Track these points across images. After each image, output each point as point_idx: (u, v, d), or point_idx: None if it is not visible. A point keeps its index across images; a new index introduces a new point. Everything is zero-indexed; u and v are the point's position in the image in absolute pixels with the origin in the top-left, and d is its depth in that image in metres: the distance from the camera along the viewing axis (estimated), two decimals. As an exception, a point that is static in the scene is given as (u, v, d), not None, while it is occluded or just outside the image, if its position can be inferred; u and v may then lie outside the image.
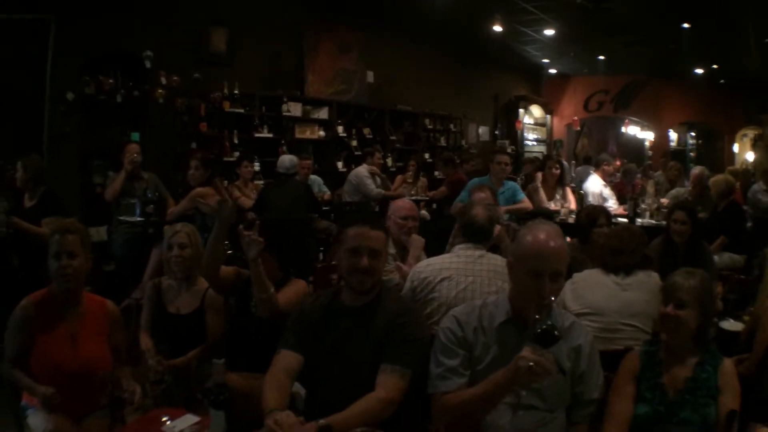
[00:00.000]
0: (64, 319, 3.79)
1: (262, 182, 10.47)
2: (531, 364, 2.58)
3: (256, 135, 11.60)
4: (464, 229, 4.81)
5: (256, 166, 10.64)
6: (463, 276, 4.48)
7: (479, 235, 4.76)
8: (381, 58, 14.55)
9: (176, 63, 10.19)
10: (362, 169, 10.99)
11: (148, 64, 9.78)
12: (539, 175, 9.61)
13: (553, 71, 21.39)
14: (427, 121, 16.19)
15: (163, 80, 9.98)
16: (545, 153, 19.41)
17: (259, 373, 3.50)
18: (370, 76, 14.39)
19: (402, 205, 5.56)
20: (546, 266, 2.88)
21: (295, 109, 12.38)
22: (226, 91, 10.99)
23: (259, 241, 3.98)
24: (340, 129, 13.30)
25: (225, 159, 10.63)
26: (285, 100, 12.13)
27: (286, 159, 8.96)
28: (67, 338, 3.74)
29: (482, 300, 3.25)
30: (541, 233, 3.00)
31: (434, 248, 5.49)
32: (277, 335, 3.49)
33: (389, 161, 13.33)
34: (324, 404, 3.03)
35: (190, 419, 3.08)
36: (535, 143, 20.99)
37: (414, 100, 15.52)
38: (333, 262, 6.54)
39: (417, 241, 5.42)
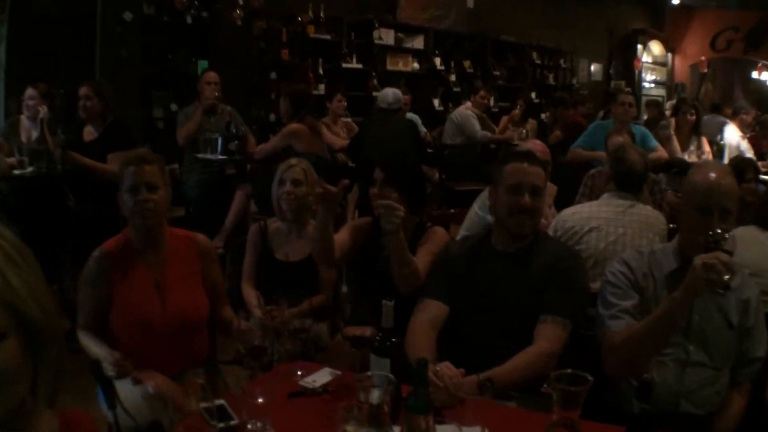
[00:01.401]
0: (147, 264, 3.64)
1: (349, 119, 10.36)
2: (706, 261, 2.72)
3: (344, 65, 11.55)
4: (620, 177, 4.89)
5: (343, 101, 10.40)
6: (612, 227, 4.58)
7: (636, 184, 4.87)
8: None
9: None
10: (466, 108, 10.95)
11: (225, -20, 9.72)
12: (672, 121, 9.43)
13: (676, 1, 20.95)
14: (534, 54, 15.98)
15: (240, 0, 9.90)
16: (666, 97, 19.12)
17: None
18: (470, 1, 14.10)
19: (534, 147, 5.36)
20: (715, 202, 3.06)
21: (387, 37, 12.32)
22: (310, 14, 10.90)
23: (398, 208, 3.49)
24: (437, 61, 13.35)
25: (309, 92, 10.35)
26: (376, 25, 12.05)
27: (390, 93, 8.92)
28: (152, 287, 3.61)
29: (649, 247, 3.43)
30: (711, 171, 3.20)
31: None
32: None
33: (491, 100, 12.76)
34: (470, 358, 3.08)
35: (329, 373, 3.08)
36: (653, 86, 20.67)
37: (519, 29, 15.24)
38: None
39: (549, 188, 5.42)
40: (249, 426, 2.51)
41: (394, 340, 2.74)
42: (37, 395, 1.60)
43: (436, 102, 13.26)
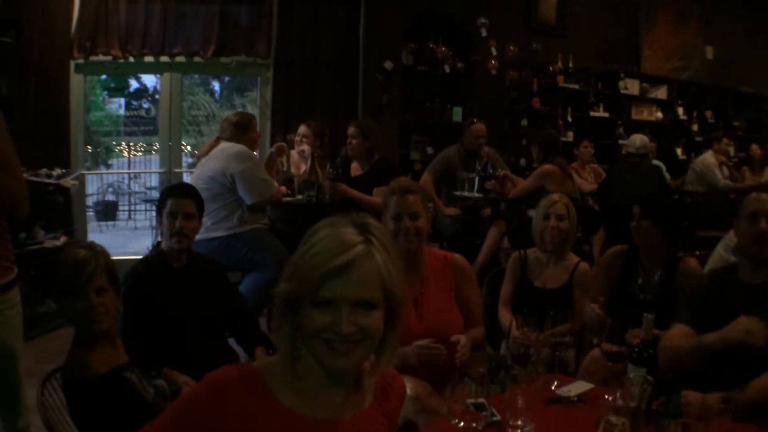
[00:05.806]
0: (407, 283, 3.33)
1: (596, 165, 10.27)
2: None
3: (591, 114, 11.57)
4: None
5: (590, 149, 10.26)
6: None
7: None
8: (721, 32, 13.66)
9: (503, 32, 10.35)
10: (709, 157, 10.61)
11: (483, 33, 10.18)
12: None
13: None
14: (774, 106, 15.02)
15: (494, 50, 10.21)
16: None
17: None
18: (709, 52, 13.62)
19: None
20: None
21: (632, 87, 12.25)
22: (560, 64, 11.04)
23: None
24: (680, 111, 13.15)
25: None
26: (622, 76, 12.00)
27: (638, 138, 8.93)
28: (410, 304, 3.60)
29: None
30: None
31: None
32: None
33: (731, 150, 12.32)
34: (713, 382, 3.04)
35: (584, 385, 3.14)
36: None
37: (758, 81, 14.29)
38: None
39: None
40: (510, 423, 2.63)
41: (651, 351, 2.90)
42: (381, 357, 1.94)
43: (678, 151, 13.05)
